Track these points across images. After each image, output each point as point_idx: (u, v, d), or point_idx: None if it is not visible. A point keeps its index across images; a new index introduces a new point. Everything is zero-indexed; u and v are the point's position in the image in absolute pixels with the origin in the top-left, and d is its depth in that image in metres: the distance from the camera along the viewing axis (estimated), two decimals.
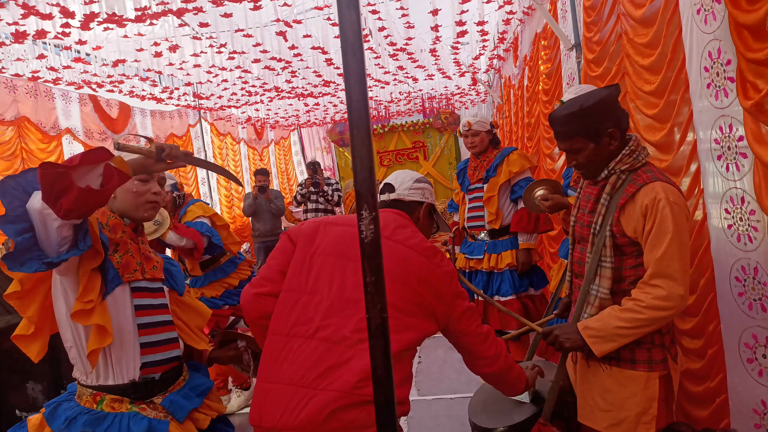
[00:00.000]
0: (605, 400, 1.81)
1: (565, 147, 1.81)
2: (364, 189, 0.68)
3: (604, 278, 1.78)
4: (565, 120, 1.76)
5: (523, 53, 5.65)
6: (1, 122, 5.15)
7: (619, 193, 1.76)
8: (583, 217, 1.90)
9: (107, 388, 1.70)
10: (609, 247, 1.76)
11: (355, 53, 0.66)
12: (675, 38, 2.32)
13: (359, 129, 0.68)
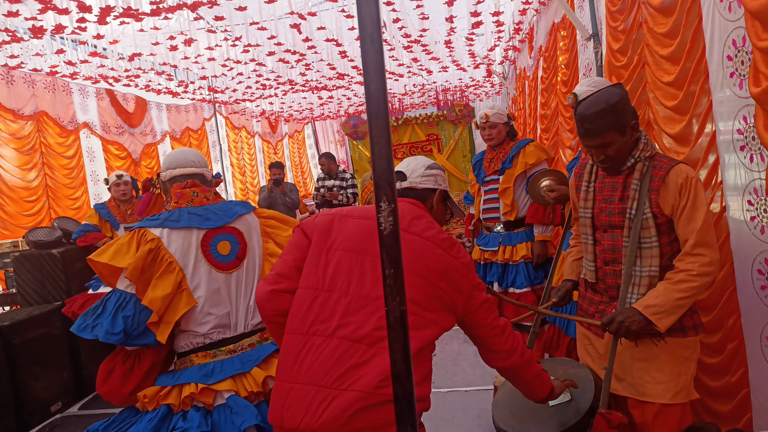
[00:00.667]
0: (665, 372, 1.89)
1: (597, 143, 1.89)
2: (382, 180, 0.67)
3: (652, 258, 1.91)
4: (595, 117, 1.85)
5: (539, 44, 5.59)
6: (20, 117, 5.22)
7: (647, 178, 1.90)
8: (610, 205, 1.98)
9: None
10: (653, 228, 1.90)
11: (374, 43, 0.65)
12: (695, 27, 2.27)
13: (378, 119, 0.67)
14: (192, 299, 1.93)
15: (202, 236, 1.98)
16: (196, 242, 1.97)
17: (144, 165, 7.13)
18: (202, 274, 1.95)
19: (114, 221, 4.71)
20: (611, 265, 2.01)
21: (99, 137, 6.39)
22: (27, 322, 3.98)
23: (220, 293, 1.97)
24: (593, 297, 2.10)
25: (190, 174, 2.12)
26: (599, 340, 2.10)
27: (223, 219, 2.02)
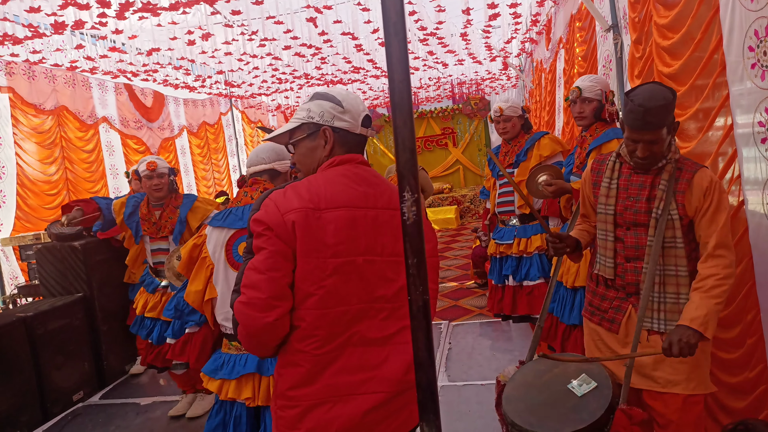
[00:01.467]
0: (685, 363, 1.92)
1: (651, 137, 1.89)
2: (406, 170, 0.67)
3: (677, 257, 1.95)
4: (658, 111, 1.85)
5: (557, 36, 5.53)
6: (41, 111, 5.31)
7: (673, 179, 1.95)
8: (636, 204, 2.00)
9: None
10: (679, 229, 1.94)
11: (398, 33, 0.65)
12: (708, 19, 2.23)
13: (401, 110, 0.67)
14: (214, 291, 2.09)
15: (229, 236, 2.09)
16: (222, 242, 2.09)
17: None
18: (220, 272, 2.07)
19: None
20: (633, 263, 2.02)
21: (118, 131, 6.47)
22: (49, 313, 4.06)
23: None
24: (606, 293, 2.11)
25: (259, 171, 2.24)
26: (610, 336, 2.10)
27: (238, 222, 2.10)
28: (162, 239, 3.61)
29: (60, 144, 5.54)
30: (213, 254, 2.09)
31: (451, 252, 8.60)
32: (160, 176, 3.56)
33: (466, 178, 13.79)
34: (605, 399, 1.78)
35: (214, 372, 2.06)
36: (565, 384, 1.88)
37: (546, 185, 2.98)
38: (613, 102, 2.85)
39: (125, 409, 4.07)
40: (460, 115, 13.66)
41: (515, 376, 2.02)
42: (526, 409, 1.86)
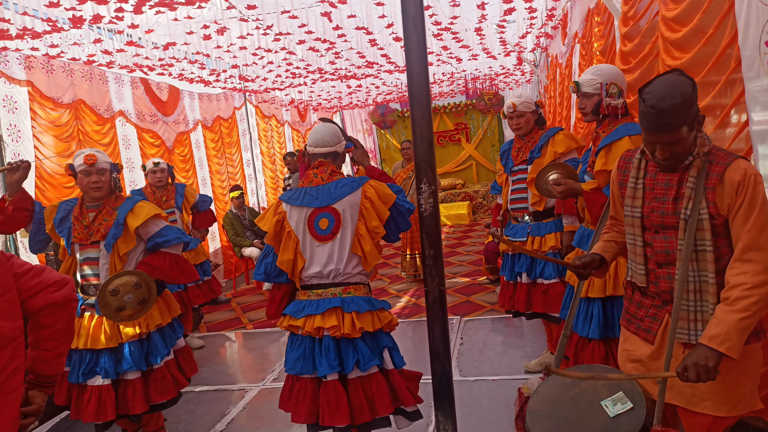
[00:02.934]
0: (721, 386, 1.75)
1: (669, 139, 1.73)
2: (423, 162, 0.68)
3: (707, 262, 1.77)
4: (672, 111, 1.68)
5: (573, 30, 5.49)
6: (59, 105, 5.37)
7: (704, 174, 1.77)
8: (663, 205, 1.84)
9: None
10: (708, 230, 1.76)
11: (416, 26, 0.66)
12: (723, 13, 2.20)
13: (419, 102, 0.68)
14: (303, 259, 2.56)
15: (309, 213, 2.54)
16: (305, 218, 2.55)
17: (177, 153, 7.26)
18: (307, 243, 2.55)
19: None
20: (665, 268, 1.86)
21: (134, 125, 6.53)
22: None
23: (317, 257, 2.54)
24: (642, 300, 1.96)
25: (324, 153, 2.63)
26: (645, 347, 1.93)
27: (327, 201, 2.53)
28: (92, 246, 2.98)
29: (77, 137, 5.60)
30: (296, 229, 2.54)
31: (464, 248, 8.59)
32: (100, 172, 2.99)
33: (479, 173, 13.74)
34: (638, 419, 1.66)
35: (297, 312, 2.51)
36: (594, 400, 1.77)
37: (554, 185, 2.84)
38: (619, 94, 2.69)
39: None
40: (474, 111, 13.60)
41: (539, 389, 1.91)
42: (552, 427, 1.76)
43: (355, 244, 2.51)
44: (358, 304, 2.48)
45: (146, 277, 2.90)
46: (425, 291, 0.73)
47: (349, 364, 2.44)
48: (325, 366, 2.42)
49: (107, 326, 2.96)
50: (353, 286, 2.56)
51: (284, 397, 2.59)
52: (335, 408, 2.41)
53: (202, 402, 3.98)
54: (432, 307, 0.71)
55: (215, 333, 5.63)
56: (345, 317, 2.45)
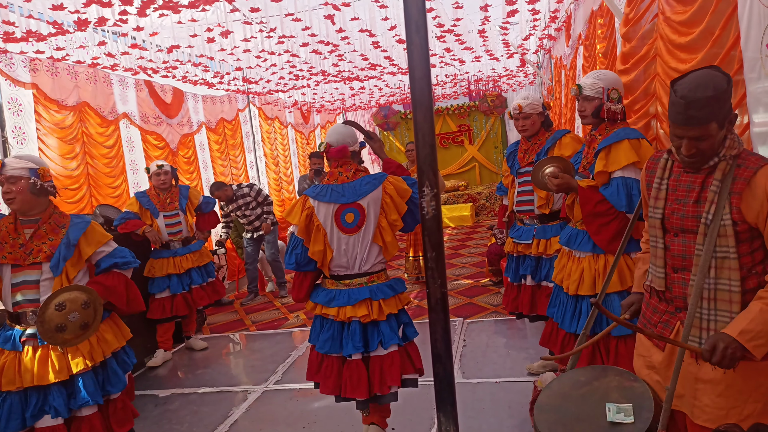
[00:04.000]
0: (728, 398, 1.71)
1: (696, 134, 1.65)
2: (426, 165, 0.69)
3: (730, 270, 1.70)
4: (703, 104, 1.61)
5: (577, 32, 5.49)
6: (64, 107, 5.40)
7: (729, 178, 1.68)
8: (684, 207, 1.78)
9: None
10: (732, 236, 1.68)
11: (419, 30, 0.66)
12: (727, 15, 2.20)
13: (422, 106, 0.68)
14: (331, 251, 2.79)
15: (336, 209, 2.78)
16: (332, 213, 2.78)
17: (181, 155, 7.28)
18: (335, 236, 2.78)
19: (154, 209, 4.85)
20: (680, 273, 1.81)
21: (138, 127, 6.56)
22: None
23: (343, 248, 2.79)
24: (658, 305, 1.91)
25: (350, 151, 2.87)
26: (657, 351, 1.91)
27: (353, 197, 2.78)
28: (32, 267, 2.59)
29: (81, 139, 5.63)
30: (324, 223, 2.79)
31: (466, 249, 8.58)
32: (11, 181, 2.58)
33: (482, 175, 13.74)
34: (643, 423, 1.66)
35: (328, 302, 2.81)
36: (602, 400, 1.78)
37: (551, 177, 2.83)
38: (619, 100, 2.72)
39: (144, 401, 4.14)
40: (477, 113, 13.60)
41: (552, 384, 1.94)
42: (558, 422, 1.78)
43: (377, 235, 2.80)
44: (384, 292, 2.82)
45: (97, 297, 2.60)
46: (427, 293, 0.74)
47: (374, 344, 2.78)
48: (351, 347, 2.76)
49: (55, 358, 2.58)
50: (376, 274, 2.87)
51: (312, 370, 2.94)
52: (356, 383, 2.76)
53: (205, 403, 3.99)
54: (434, 309, 0.72)
55: (218, 335, 5.64)
56: (373, 305, 2.79)
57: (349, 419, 3.51)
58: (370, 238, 2.79)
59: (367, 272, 2.84)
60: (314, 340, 2.92)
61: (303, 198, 2.86)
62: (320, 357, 2.90)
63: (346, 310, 2.76)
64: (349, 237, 2.79)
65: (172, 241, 4.91)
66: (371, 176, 2.84)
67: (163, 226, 4.86)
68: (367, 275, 2.84)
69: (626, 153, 2.62)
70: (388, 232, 2.80)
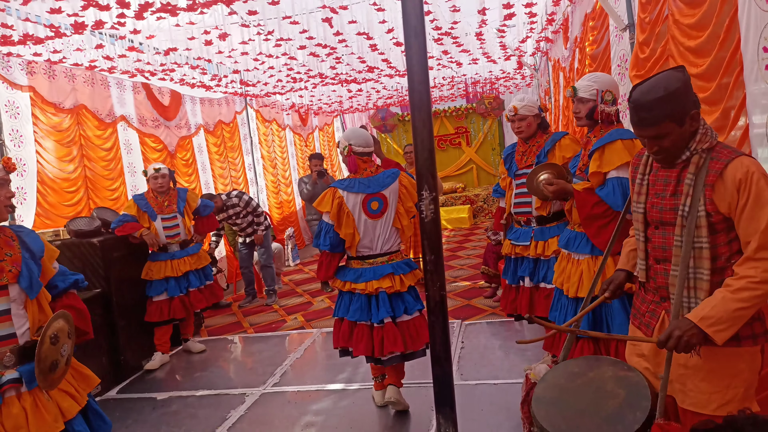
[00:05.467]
0: (711, 383, 1.77)
1: (651, 133, 1.75)
2: (424, 169, 0.69)
3: (703, 259, 1.76)
4: (652, 105, 1.71)
5: (574, 35, 5.51)
6: (61, 110, 5.40)
7: (704, 171, 1.75)
8: (662, 201, 1.86)
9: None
10: (705, 227, 1.75)
11: (417, 36, 0.67)
12: (730, 18, 2.22)
13: (420, 111, 0.69)
14: (358, 234, 3.27)
15: (363, 198, 3.28)
16: (360, 202, 3.27)
17: (180, 157, 7.28)
18: (362, 221, 3.28)
19: (152, 212, 4.84)
20: (662, 264, 1.89)
21: (136, 130, 6.55)
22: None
23: (369, 232, 3.30)
24: (645, 296, 2.00)
25: (367, 152, 3.36)
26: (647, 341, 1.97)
27: (377, 188, 3.30)
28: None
29: (79, 142, 5.62)
30: (353, 210, 3.27)
31: (464, 251, 8.59)
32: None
33: (480, 177, 13.76)
34: (642, 412, 1.69)
35: (356, 279, 3.29)
36: (600, 391, 1.82)
37: (546, 184, 2.86)
38: (613, 102, 2.74)
39: (142, 404, 4.14)
40: (474, 115, 13.63)
41: (546, 376, 1.96)
42: (558, 414, 1.79)
43: (396, 219, 3.35)
44: (403, 268, 3.35)
45: (72, 324, 2.19)
46: (426, 296, 0.74)
47: (399, 311, 3.30)
48: (383, 312, 3.25)
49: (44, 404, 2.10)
50: (395, 254, 3.39)
51: (342, 338, 3.37)
52: (393, 340, 3.23)
53: (204, 406, 3.99)
54: (433, 312, 0.72)
55: (216, 337, 5.64)
56: (395, 278, 3.29)
57: (347, 421, 3.51)
58: (391, 222, 3.34)
59: (388, 252, 3.35)
60: (344, 313, 3.36)
61: (333, 190, 3.32)
62: (351, 326, 3.34)
63: (373, 284, 3.27)
64: (374, 222, 3.31)
65: (169, 244, 4.90)
66: (389, 171, 3.40)
67: (161, 229, 4.86)
68: (387, 254, 3.35)
69: (619, 153, 2.63)
70: (404, 217, 3.37)
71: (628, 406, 1.72)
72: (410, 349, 3.32)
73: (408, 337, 3.30)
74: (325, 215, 3.33)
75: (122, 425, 3.82)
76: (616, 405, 1.74)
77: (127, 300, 4.74)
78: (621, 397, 1.76)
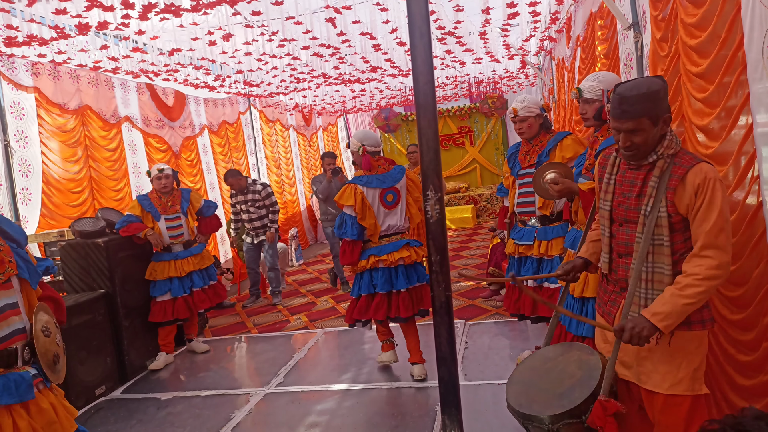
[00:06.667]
0: (666, 363, 1.93)
1: (629, 126, 1.88)
2: (430, 170, 0.69)
3: (663, 255, 1.93)
4: (635, 100, 1.85)
5: (576, 33, 5.49)
6: (66, 111, 5.41)
7: (667, 175, 1.90)
8: (627, 200, 2.00)
9: None
10: (666, 227, 1.91)
11: (423, 36, 0.67)
12: (732, 16, 2.21)
13: (426, 111, 0.69)
14: (379, 225, 3.89)
15: (380, 192, 3.87)
16: (378, 195, 3.87)
17: (184, 157, 7.29)
18: (380, 212, 3.89)
19: (155, 212, 4.85)
20: (624, 258, 2.04)
21: (140, 130, 6.57)
22: (73, 308, 4.15)
23: (386, 220, 3.91)
24: (607, 287, 2.17)
25: (378, 151, 3.98)
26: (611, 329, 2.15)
27: (391, 183, 3.90)
28: (4, 286, 1.97)
29: (84, 143, 5.64)
30: (372, 202, 3.85)
31: (468, 251, 8.58)
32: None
33: (483, 177, 13.73)
34: (588, 389, 1.90)
35: (379, 252, 3.87)
36: (563, 372, 2.05)
37: (552, 183, 2.88)
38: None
39: (146, 404, 4.15)
40: (477, 114, 13.60)
41: (526, 360, 2.20)
42: (521, 391, 2.06)
43: (407, 209, 4.01)
44: (414, 242, 4.02)
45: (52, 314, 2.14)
46: (432, 296, 0.74)
47: (414, 280, 3.96)
48: (404, 282, 3.90)
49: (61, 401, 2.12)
50: (405, 233, 4.04)
51: (360, 310, 3.95)
52: (408, 306, 3.91)
53: (208, 406, 3.99)
54: (438, 312, 0.72)
55: (220, 337, 5.64)
56: (411, 249, 3.96)
57: (351, 421, 3.51)
58: (404, 211, 3.99)
59: (399, 231, 4.00)
60: (365, 290, 3.93)
61: (353, 185, 3.85)
62: (370, 298, 3.95)
63: (395, 255, 3.89)
64: (390, 211, 3.93)
65: (173, 244, 4.91)
66: (398, 167, 4.01)
67: (165, 229, 4.87)
68: (399, 233, 4.00)
69: None
70: (412, 205, 4.02)
71: (579, 384, 1.95)
72: (418, 309, 4.02)
73: (417, 300, 4.00)
74: (347, 208, 3.84)
75: (126, 425, 3.83)
76: (571, 384, 1.97)
77: (131, 300, 4.76)
78: (577, 377, 1.98)
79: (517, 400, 2.02)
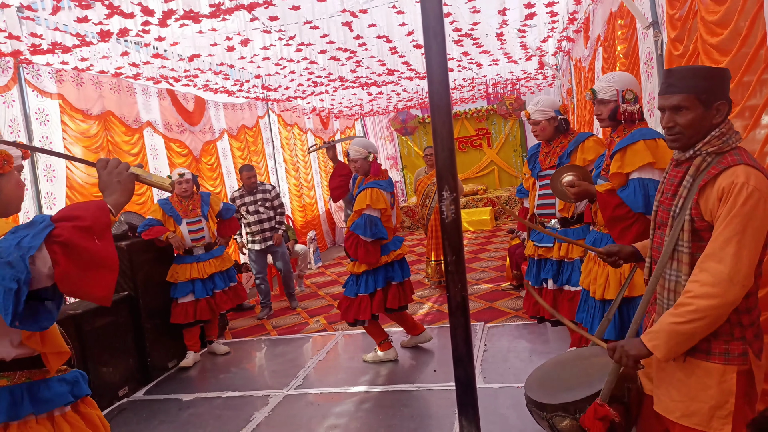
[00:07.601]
0: (678, 391, 1.75)
1: (674, 102, 1.69)
2: (444, 170, 0.69)
3: (682, 264, 1.72)
4: (686, 74, 1.68)
5: (596, 33, 5.44)
6: (89, 117, 5.52)
7: (702, 175, 1.68)
8: (665, 200, 1.82)
9: None
10: (687, 232, 1.69)
11: (437, 37, 0.67)
12: (754, 12, 2.17)
13: (440, 111, 0.69)
14: (392, 221, 4.32)
15: (389, 195, 4.26)
16: (389, 198, 4.25)
17: (204, 162, 7.38)
18: (394, 212, 4.37)
19: (177, 216, 4.93)
20: (654, 265, 1.86)
21: (161, 135, 6.66)
22: (97, 310, 4.22)
23: (390, 217, 4.30)
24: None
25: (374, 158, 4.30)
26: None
27: (391, 188, 4.32)
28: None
29: (107, 148, 5.74)
30: (387, 205, 4.20)
31: (486, 253, 8.53)
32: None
33: (501, 179, 13.65)
34: (590, 390, 1.90)
35: (395, 246, 4.33)
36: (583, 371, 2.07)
37: (569, 186, 2.83)
38: (635, 100, 2.69)
39: (168, 405, 4.20)
40: (495, 116, 13.53)
41: (561, 355, 2.27)
42: (536, 381, 2.14)
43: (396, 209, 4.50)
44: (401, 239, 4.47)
45: None
46: (448, 297, 0.74)
47: (407, 273, 4.44)
48: (401, 276, 4.34)
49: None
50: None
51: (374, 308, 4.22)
52: (402, 297, 4.36)
53: (228, 407, 4.03)
54: (454, 313, 0.72)
55: (240, 339, 5.69)
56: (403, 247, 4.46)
57: (369, 424, 3.51)
58: (396, 212, 4.46)
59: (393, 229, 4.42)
60: (371, 288, 4.19)
61: (378, 190, 4.16)
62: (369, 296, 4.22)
63: (397, 252, 4.35)
64: (392, 211, 4.36)
65: (195, 246, 4.98)
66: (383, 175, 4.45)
67: (186, 233, 4.94)
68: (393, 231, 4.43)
69: (641, 154, 2.59)
70: (396, 208, 4.51)
71: (588, 385, 1.93)
72: (405, 303, 4.43)
73: (409, 292, 4.47)
74: (374, 211, 4.14)
75: (149, 426, 3.88)
76: (581, 382, 1.98)
77: (153, 302, 4.83)
78: (591, 378, 1.97)
79: (529, 386, 2.10)
